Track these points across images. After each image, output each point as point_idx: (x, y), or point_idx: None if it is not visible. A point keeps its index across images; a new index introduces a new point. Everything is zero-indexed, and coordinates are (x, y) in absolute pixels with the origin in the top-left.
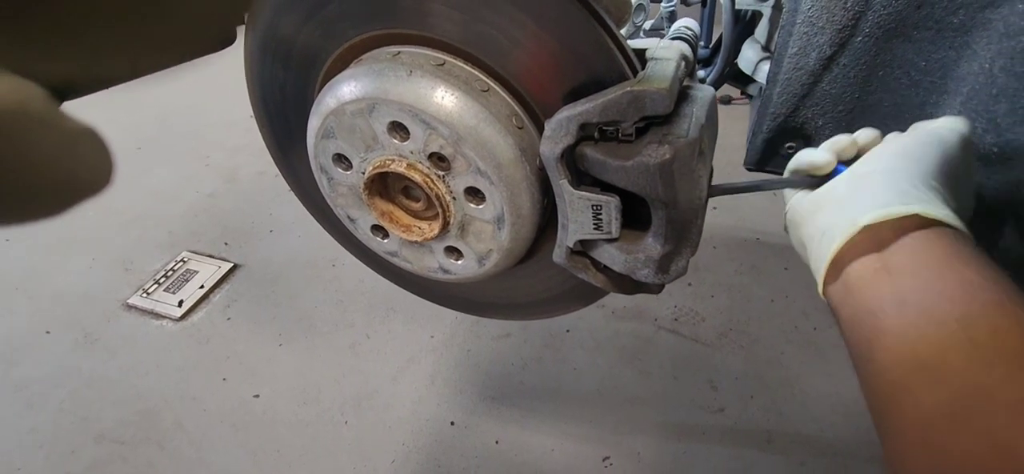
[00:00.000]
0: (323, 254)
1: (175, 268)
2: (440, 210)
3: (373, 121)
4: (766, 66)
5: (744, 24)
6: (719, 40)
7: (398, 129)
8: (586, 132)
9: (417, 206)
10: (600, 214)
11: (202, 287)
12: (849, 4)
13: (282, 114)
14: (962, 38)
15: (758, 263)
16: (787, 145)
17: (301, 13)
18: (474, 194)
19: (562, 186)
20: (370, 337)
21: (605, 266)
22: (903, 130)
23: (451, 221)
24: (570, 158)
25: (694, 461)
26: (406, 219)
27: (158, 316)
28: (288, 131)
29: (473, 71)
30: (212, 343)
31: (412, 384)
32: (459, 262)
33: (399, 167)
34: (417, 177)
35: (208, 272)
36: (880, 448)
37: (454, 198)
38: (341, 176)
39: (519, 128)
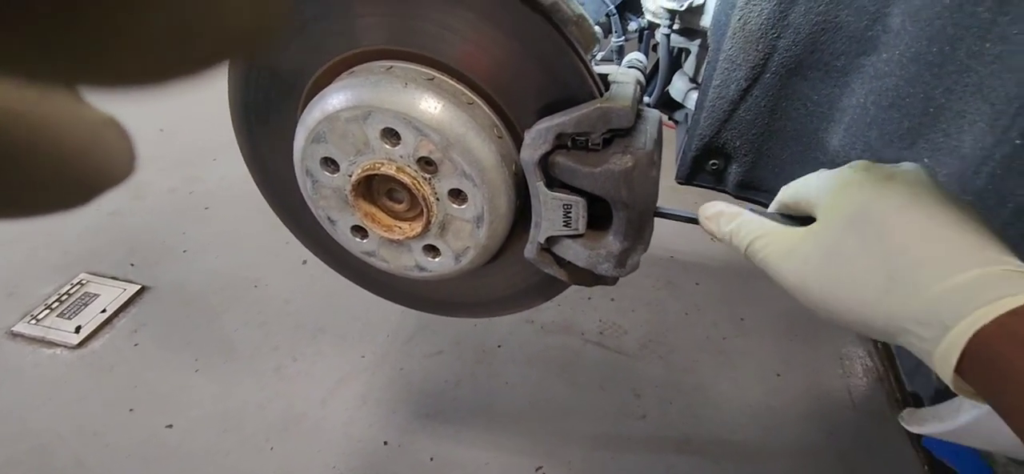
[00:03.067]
0: (244, 273)
1: (71, 292)
2: (424, 210)
3: (367, 127)
4: (694, 95)
5: (673, 59)
6: (651, 72)
7: (390, 135)
8: (560, 141)
9: (399, 208)
10: (569, 213)
11: (104, 311)
12: (760, 47)
13: (265, 120)
14: (844, 78)
15: (673, 278)
16: (711, 162)
17: (295, 27)
18: (457, 195)
19: (538, 187)
20: (297, 359)
21: (568, 261)
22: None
23: (433, 220)
24: (545, 164)
25: (622, 466)
26: (388, 220)
27: (51, 344)
28: (268, 136)
29: (459, 86)
30: (116, 372)
31: (343, 405)
32: (436, 259)
33: (389, 169)
34: (406, 179)
35: (111, 295)
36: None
37: (438, 199)
38: (327, 179)
39: (499, 137)
